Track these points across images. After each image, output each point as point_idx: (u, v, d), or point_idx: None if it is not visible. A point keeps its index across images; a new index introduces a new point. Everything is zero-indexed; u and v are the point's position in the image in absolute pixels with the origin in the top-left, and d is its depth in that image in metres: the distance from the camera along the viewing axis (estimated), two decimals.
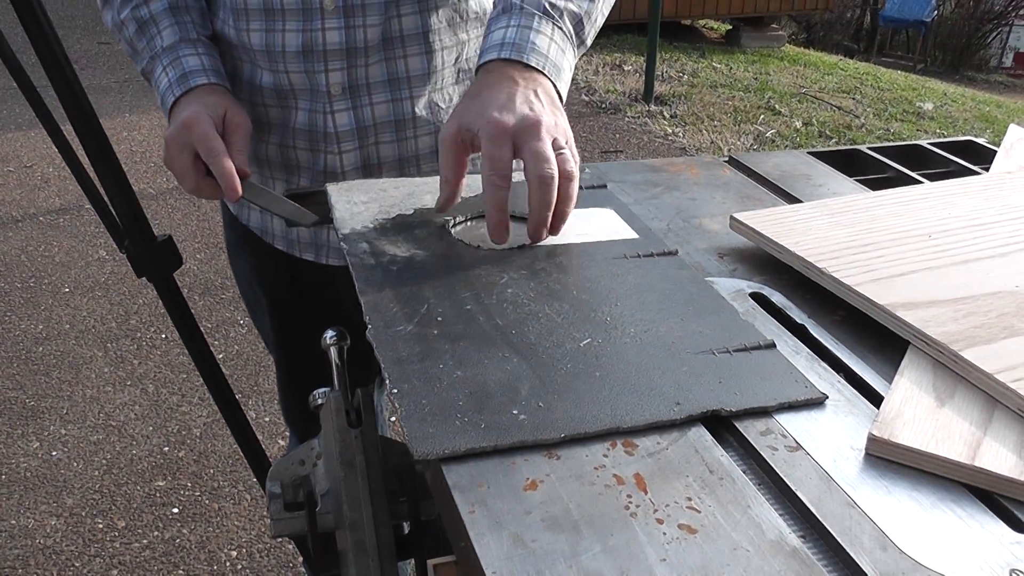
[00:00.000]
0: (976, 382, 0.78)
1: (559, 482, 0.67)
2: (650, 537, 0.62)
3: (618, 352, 0.82)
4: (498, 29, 1.11)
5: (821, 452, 0.72)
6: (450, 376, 0.78)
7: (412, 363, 0.79)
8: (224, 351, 3.39)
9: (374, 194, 1.14)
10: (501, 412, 0.73)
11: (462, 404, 0.74)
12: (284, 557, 2.49)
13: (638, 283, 0.95)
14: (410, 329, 0.85)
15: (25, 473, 2.75)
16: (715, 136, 6.01)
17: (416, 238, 1.03)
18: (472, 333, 0.84)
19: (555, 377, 0.78)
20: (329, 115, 1.30)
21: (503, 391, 0.76)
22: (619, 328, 0.86)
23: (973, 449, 0.70)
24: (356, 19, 1.24)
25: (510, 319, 0.87)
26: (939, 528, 0.65)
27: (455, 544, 0.65)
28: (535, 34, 1.10)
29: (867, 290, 0.90)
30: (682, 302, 0.92)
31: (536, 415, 0.73)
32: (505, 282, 0.94)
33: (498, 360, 0.80)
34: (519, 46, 1.08)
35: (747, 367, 0.81)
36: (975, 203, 1.12)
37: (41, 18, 1.23)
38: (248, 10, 1.25)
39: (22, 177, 4.87)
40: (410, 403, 0.74)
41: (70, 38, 7.40)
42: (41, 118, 1.32)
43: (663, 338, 0.85)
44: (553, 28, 1.12)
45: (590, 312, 0.89)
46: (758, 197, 1.23)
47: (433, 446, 0.69)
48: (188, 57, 1.23)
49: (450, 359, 0.80)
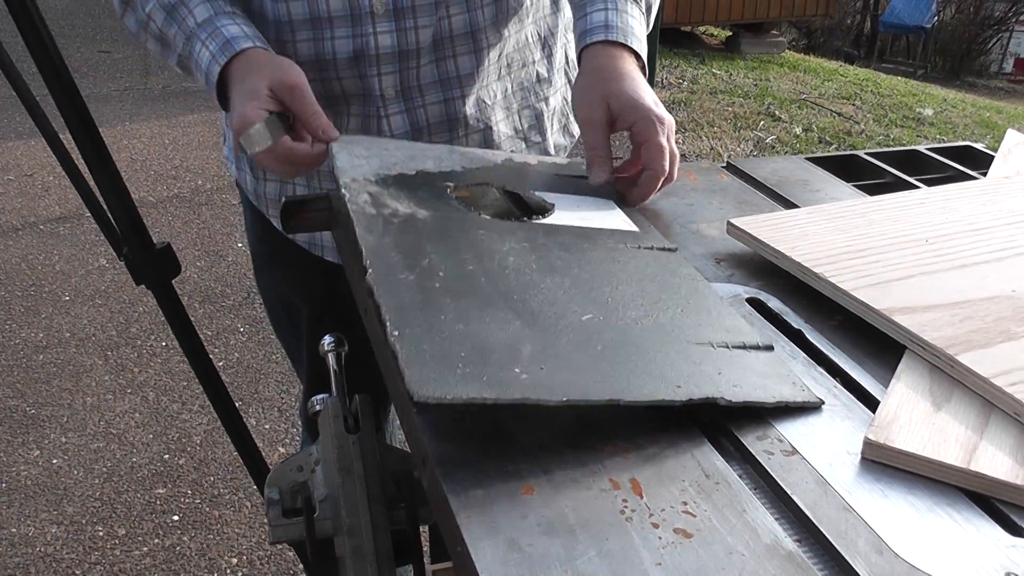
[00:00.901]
0: (972, 386, 0.78)
1: (555, 486, 0.67)
2: (646, 541, 0.62)
3: (619, 331, 0.81)
4: (597, 11, 1.20)
5: (817, 457, 0.72)
6: (452, 328, 0.74)
7: (413, 310, 0.76)
8: (224, 359, 3.38)
9: (376, 151, 1.11)
10: (503, 368, 0.70)
11: (464, 355, 0.71)
12: (284, 564, 2.49)
13: (638, 272, 0.94)
14: (411, 279, 0.81)
15: (26, 481, 2.75)
16: (715, 142, 6.01)
17: (418, 198, 1.00)
18: (474, 292, 0.81)
19: (557, 345, 0.76)
20: (384, 119, 1.29)
21: (505, 350, 0.73)
22: (619, 310, 0.84)
23: (969, 453, 0.70)
24: (407, 21, 1.23)
25: (512, 285, 0.84)
26: (935, 532, 0.65)
27: (451, 549, 0.65)
28: (630, 18, 1.20)
29: (864, 295, 0.90)
30: (682, 295, 0.91)
31: (538, 377, 0.70)
32: (507, 250, 0.92)
33: (500, 321, 0.77)
34: (623, 30, 1.18)
35: (745, 363, 0.81)
36: (972, 208, 1.12)
37: (39, 26, 1.23)
38: (293, 21, 1.22)
39: (23, 186, 4.87)
40: (411, 346, 0.70)
41: (70, 47, 7.41)
42: (40, 126, 1.32)
43: (663, 325, 0.84)
44: (640, 12, 1.24)
45: (590, 290, 0.87)
46: (755, 202, 1.23)
47: (434, 391, 0.66)
48: (228, 26, 1.16)
49: (452, 313, 0.77)
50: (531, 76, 1.41)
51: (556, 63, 1.45)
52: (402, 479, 0.97)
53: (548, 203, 1.07)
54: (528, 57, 1.39)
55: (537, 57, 1.41)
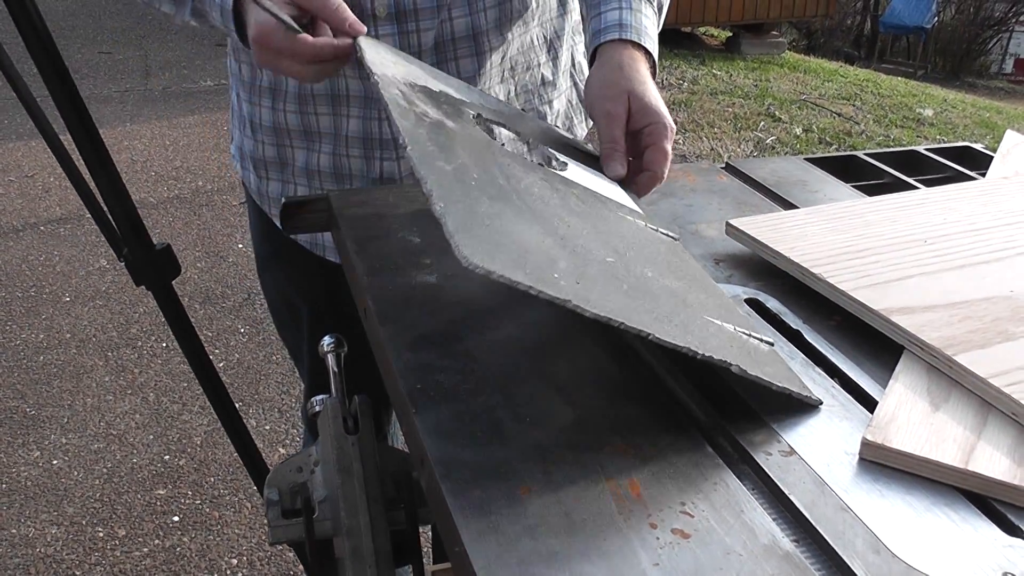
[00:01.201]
0: (970, 387, 0.79)
1: (553, 487, 0.67)
2: (643, 542, 0.62)
3: (639, 281, 0.79)
4: (612, 10, 1.20)
5: (815, 457, 0.72)
6: (490, 221, 0.72)
7: (453, 190, 0.73)
8: (225, 359, 3.39)
9: (402, 60, 1.07)
10: (542, 269, 0.68)
11: (505, 244, 0.69)
12: (285, 565, 2.49)
13: (649, 245, 0.93)
14: (448, 169, 0.78)
15: (26, 482, 2.75)
16: (715, 143, 6.01)
17: (444, 110, 0.96)
18: (507, 200, 0.79)
19: (588, 270, 0.74)
20: (385, 121, 1.29)
21: (541, 256, 0.71)
22: (637, 265, 0.83)
23: (967, 453, 0.70)
24: (409, 24, 1.23)
25: (538, 211, 0.81)
26: (932, 532, 0.65)
27: (449, 549, 0.65)
28: (644, 18, 1.21)
29: (862, 295, 0.90)
30: (688, 277, 0.90)
31: (574, 288, 0.68)
32: (531, 181, 0.89)
33: (534, 234, 0.75)
34: (638, 30, 1.19)
35: (752, 348, 0.81)
36: (971, 208, 1.12)
37: (39, 28, 1.23)
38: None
39: (23, 187, 4.87)
40: (459, 216, 0.68)
41: (71, 48, 7.42)
42: (40, 127, 1.32)
43: (676, 292, 0.82)
44: (653, 12, 1.24)
45: (607, 240, 0.85)
46: (754, 203, 1.23)
47: (484, 259, 0.63)
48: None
49: (488, 209, 0.74)
50: (536, 79, 1.41)
51: (562, 66, 1.45)
52: (401, 480, 0.98)
53: (561, 160, 1.06)
54: (533, 60, 1.39)
55: (542, 60, 1.41)
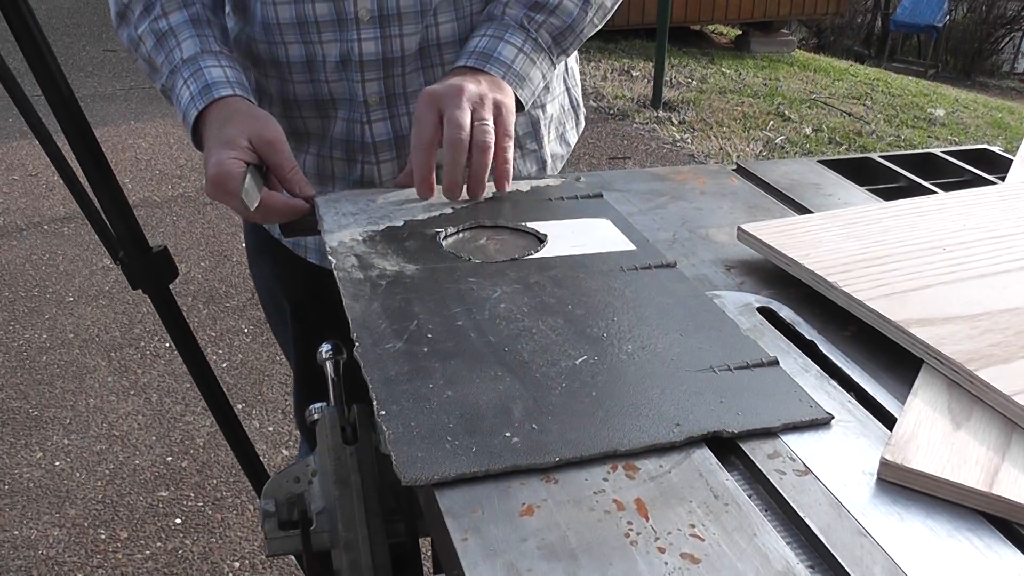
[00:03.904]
0: (993, 404, 0.75)
1: (556, 507, 0.64)
2: (651, 567, 0.59)
3: (615, 370, 0.80)
4: (474, 38, 1.21)
5: (831, 477, 0.69)
6: (440, 396, 0.75)
7: (401, 383, 0.77)
8: (228, 360, 3.37)
9: (363, 205, 1.12)
10: (493, 435, 0.70)
11: (452, 426, 0.71)
12: (287, 569, 2.47)
13: (635, 297, 0.93)
14: (399, 347, 0.82)
15: (28, 483, 2.74)
16: (724, 142, 5.98)
17: (406, 251, 1.01)
18: (463, 351, 0.82)
19: (549, 397, 0.76)
20: (367, 125, 1.28)
21: (495, 412, 0.73)
22: (616, 344, 0.84)
23: (991, 475, 0.67)
24: (392, 29, 1.22)
25: (503, 335, 0.84)
26: (954, 559, 0.62)
27: (447, 572, 0.63)
28: (504, 45, 1.19)
29: (879, 305, 0.87)
30: (681, 316, 0.89)
31: (530, 437, 0.70)
32: (498, 296, 0.92)
33: (490, 379, 0.78)
34: (485, 55, 1.18)
35: (749, 385, 0.78)
36: (991, 214, 1.09)
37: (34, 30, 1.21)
38: (281, 24, 1.23)
39: (27, 185, 4.87)
40: (398, 425, 0.71)
41: (75, 45, 7.41)
42: (34, 130, 1.30)
43: (661, 355, 0.82)
44: (525, 39, 1.20)
45: (585, 328, 0.86)
46: (766, 207, 1.20)
47: (422, 471, 0.66)
48: (211, 68, 1.17)
49: (440, 378, 0.77)
50: None
51: (556, 70, 1.42)
52: (400, 491, 0.95)
53: (541, 234, 1.06)
54: None
55: None
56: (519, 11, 1.21)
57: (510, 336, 0.84)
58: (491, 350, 0.82)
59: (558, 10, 1.22)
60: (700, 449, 0.71)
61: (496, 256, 1.01)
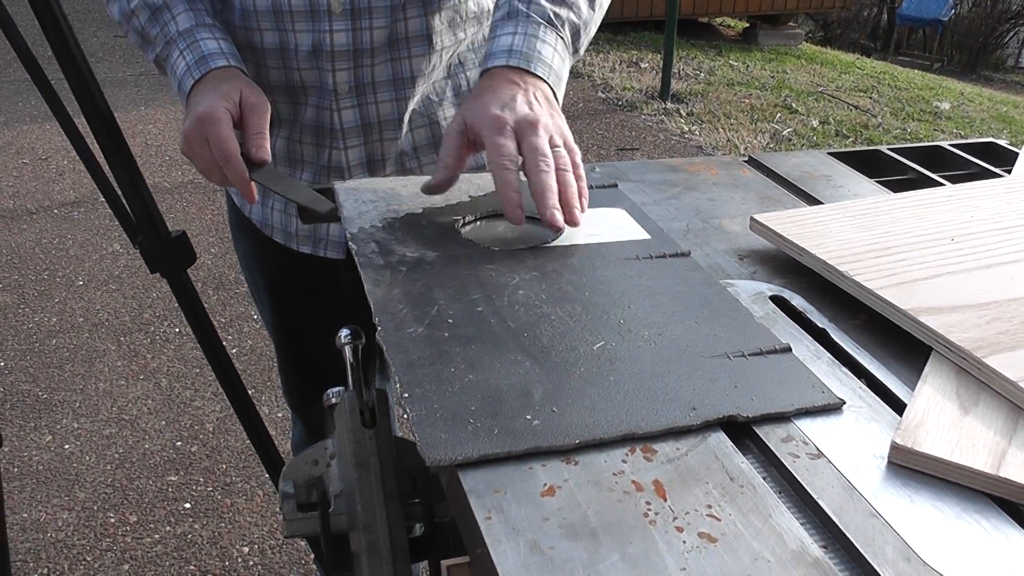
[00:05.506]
0: (1000, 390, 0.77)
1: (577, 488, 0.66)
2: (669, 546, 0.61)
3: (632, 356, 0.81)
4: (505, 35, 1.17)
5: (843, 460, 0.70)
6: (462, 380, 0.77)
7: (423, 366, 0.78)
8: (238, 346, 3.39)
9: (382, 193, 1.14)
10: (514, 417, 0.72)
11: (475, 409, 0.73)
12: (296, 554, 2.49)
13: (651, 285, 0.95)
14: (420, 331, 0.84)
15: (38, 466, 2.75)
16: (732, 134, 5.98)
17: (425, 238, 1.02)
18: (483, 336, 0.83)
19: (569, 381, 0.77)
20: (336, 112, 1.32)
21: (516, 396, 0.75)
22: (632, 331, 0.85)
23: (998, 459, 0.69)
24: (363, 21, 1.26)
25: (522, 322, 0.86)
26: (963, 539, 0.63)
27: (471, 550, 0.64)
28: (541, 43, 1.16)
29: (889, 294, 0.89)
30: (696, 304, 0.91)
31: (550, 420, 0.72)
32: (516, 283, 0.93)
33: (510, 364, 0.79)
34: (527, 55, 1.15)
35: (763, 371, 0.80)
36: (998, 206, 1.10)
37: (57, 12, 1.22)
38: (258, 12, 1.27)
39: (37, 170, 4.88)
40: (422, 407, 0.73)
41: (86, 31, 7.42)
42: (54, 111, 1.31)
43: (677, 341, 0.84)
44: (556, 38, 1.19)
45: (603, 315, 0.88)
46: (778, 198, 1.22)
47: (445, 452, 0.68)
48: (206, 40, 1.22)
49: (461, 363, 0.79)
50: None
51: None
52: (418, 475, 0.97)
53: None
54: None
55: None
56: (545, 7, 1.19)
57: (529, 322, 0.86)
58: (511, 336, 0.84)
59: (575, 8, 1.22)
60: (716, 433, 0.73)
61: (514, 244, 1.02)
